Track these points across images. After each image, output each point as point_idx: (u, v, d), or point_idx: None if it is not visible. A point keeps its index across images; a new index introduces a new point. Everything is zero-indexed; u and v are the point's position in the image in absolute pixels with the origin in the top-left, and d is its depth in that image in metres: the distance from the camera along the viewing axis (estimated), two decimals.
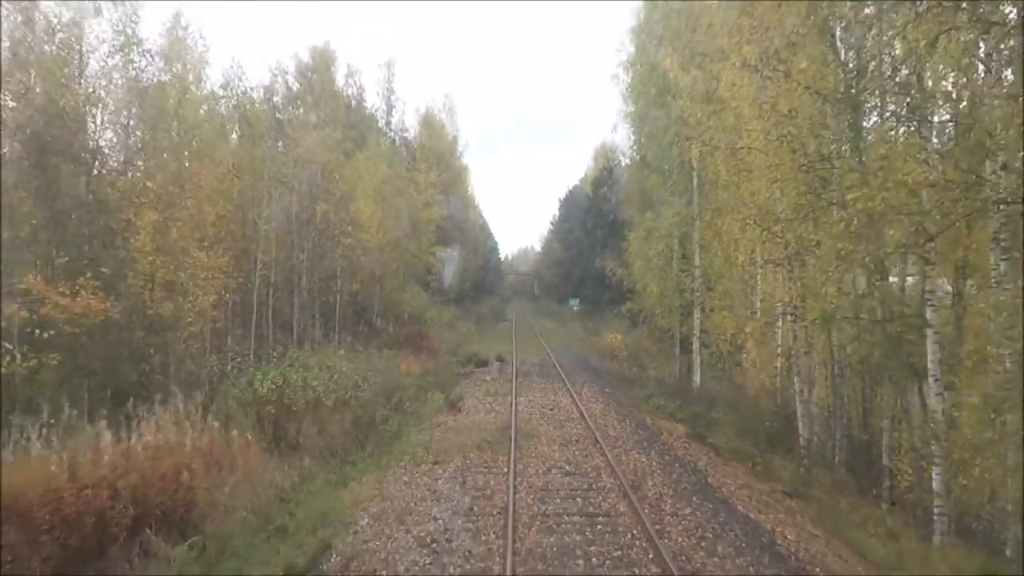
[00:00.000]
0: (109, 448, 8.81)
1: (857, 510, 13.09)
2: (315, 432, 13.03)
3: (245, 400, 13.27)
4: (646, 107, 24.80)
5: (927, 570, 9.84)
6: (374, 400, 15.93)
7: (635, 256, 29.01)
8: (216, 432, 10.70)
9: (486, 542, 8.56)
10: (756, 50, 12.46)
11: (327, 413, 13.79)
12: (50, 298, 10.97)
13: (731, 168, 16.06)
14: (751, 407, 20.92)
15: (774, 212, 14.23)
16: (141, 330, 14.49)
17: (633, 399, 22.35)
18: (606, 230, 48.08)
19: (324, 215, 24.74)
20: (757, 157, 14.38)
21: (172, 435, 9.88)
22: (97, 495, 8.31)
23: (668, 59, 19.02)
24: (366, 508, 9.78)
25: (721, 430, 18.52)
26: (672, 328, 28.91)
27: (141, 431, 9.65)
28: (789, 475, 15.19)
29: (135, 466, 8.89)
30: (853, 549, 10.39)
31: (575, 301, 58.41)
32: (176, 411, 10.74)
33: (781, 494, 13.37)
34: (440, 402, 18.42)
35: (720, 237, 17.73)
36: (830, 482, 15.54)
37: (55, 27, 15.30)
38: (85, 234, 13.19)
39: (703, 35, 16.44)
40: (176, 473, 9.24)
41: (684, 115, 18.04)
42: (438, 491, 10.68)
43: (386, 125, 58.44)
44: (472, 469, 11.98)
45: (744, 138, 14.84)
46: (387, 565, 7.80)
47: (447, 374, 24.41)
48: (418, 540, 8.56)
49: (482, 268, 74.27)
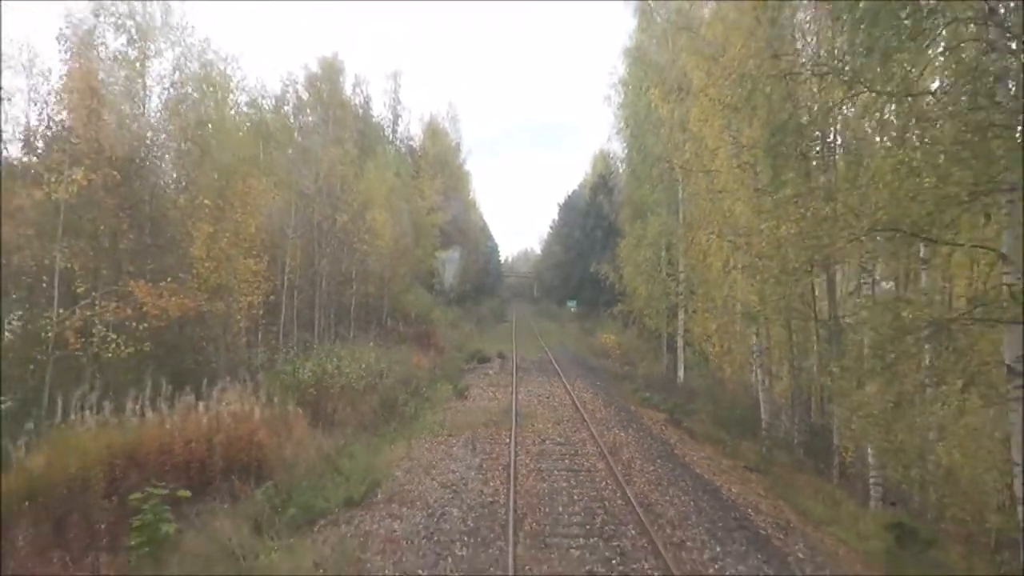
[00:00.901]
0: (203, 414, 11.41)
1: (810, 484, 15.57)
2: (349, 411, 15.63)
3: (288, 384, 15.84)
4: (636, 127, 27.38)
5: (857, 525, 12.29)
6: (395, 386, 18.53)
7: (626, 261, 31.53)
8: (275, 407, 13.29)
9: (493, 486, 11.18)
10: (721, 92, 15.03)
11: (358, 396, 16.41)
12: (149, 299, 13.56)
13: (703, 187, 18.66)
14: (728, 399, 23.42)
15: (737, 226, 16.82)
16: (197, 325, 17.08)
17: (621, 391, 24.93)
18: (603, 235, 50.47)
19: (343, 225, 27.34)
20: (723, 179, 16.99)
21: (243, 407, 12.46)
22: (198, 448, 10.91)
23: (652, 90, 21.64)
24: (399, 465, 12.40)
25: (698, 418, 21.01)
26: (659, 328, 31.48)
27: (220, 403, 12.24)
28: (754, 455, 17.68)
29: (222, 428, 11.49)
30: (794, 508, 12.82)
31: (572, 303, 60.83)
32: (239, 390, 13.32)
33: (742, 468, 15.86)
34: (449, 391, 21.03)
35: (692, 247, 20.30)
36: (789, 461, 18.04)
37: (122, 63, 17.92)
38: (155, 244, 15.79)
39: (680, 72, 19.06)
40: (250, 435, 11.83)
41: (665, 140, 20.64)
42: (454, 454, 13.30)
43: (392, 134, 60.90)
44: (480, 440, 14.59)
45: (713, 163, 17.45)
46: (420, 498, 10.43)
47: (453, 368, 27.00)
48: (441, 484, 11.18)
49: (483, 270, 76.66)
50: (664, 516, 9.99)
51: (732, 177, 15.81)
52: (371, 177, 35.91)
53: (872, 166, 9.47)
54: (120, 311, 13.32)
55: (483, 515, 9.79)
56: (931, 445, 11.94)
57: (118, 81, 17.59)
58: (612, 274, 33.93)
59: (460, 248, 59.75)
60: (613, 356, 35.61)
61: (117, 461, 10.42)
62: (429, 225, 49.79)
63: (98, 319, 13.10)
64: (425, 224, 48.71)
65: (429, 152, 60.96)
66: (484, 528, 9.23)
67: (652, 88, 21.63)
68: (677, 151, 19.78)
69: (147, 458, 10.61)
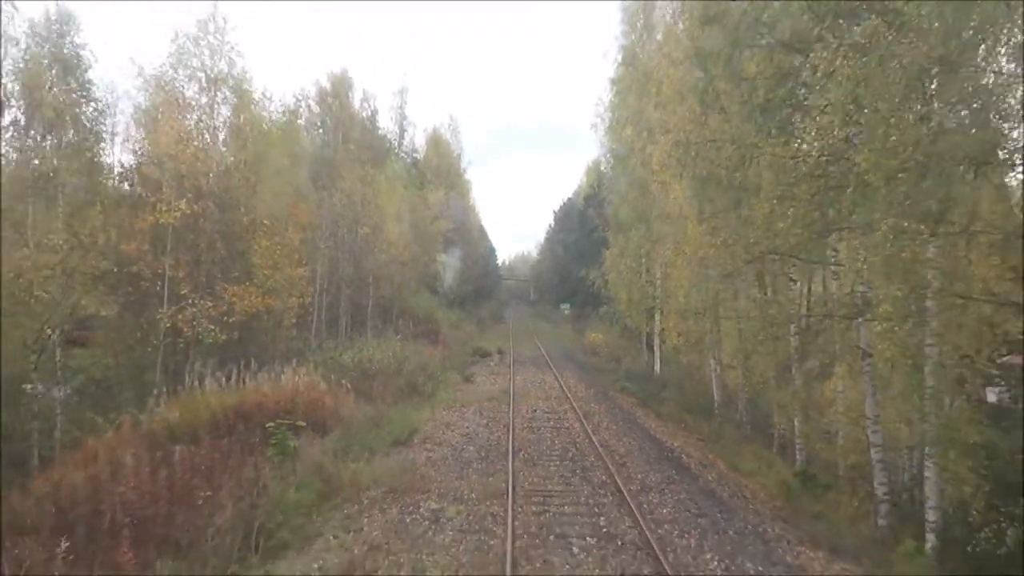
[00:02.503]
0: (288, 382, 15.72)
1: (751, 452, 19.72)
2: (382, 388, 19.90)
3: (335, 366, 20.13)
4: (619, 151, 31.69)
5: (777, 475, 16.44)
6: (415, 372, 22.83)
7: (611, 269, 35.80)
8: (331, 382, 17.59)
9: (497, 435, 15.49)
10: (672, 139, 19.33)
11: (388, 377, 20.70)
12: (236, 298, 17.86)
13: (666, 211, 23.02)
14: (694, 388, 27.69)
15: (687, 244, 21.14)
16: (259, 320, 21.37)
17: (603, 381, 29.24)
18: (593, 244, 54.79)
19: (364, 236, 31.66)
20: (679, 206, 21.31)
21: (312, 380, 16.77)
22: (285, 405, 15.17)
23: (627, 128, 25.93)
24: (426, 423, 16.72)
25: (666, 403, 25.27)
26: (640, 328, 35.79)
27: (294, 376, 16.54)
28: (708, 430, 21.94)
29: (300, 393, 15.78)
30: (726, 463, 16.98)
31: (566, 306, 65.06)
32: (306, 369, 17.62)
33: (696, 440, 20.11)
34: (458, 377, 25.39)
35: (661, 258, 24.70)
36: (738, 436, 22.31)
37: (193, 106, 22.21)
38: (230, 256, 20.10)
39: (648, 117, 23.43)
40: (320, 399, 16.12)
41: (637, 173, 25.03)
42: (466, 417, 17.63)
43: (398, 147, 65.10)
44: (486, 409, 18.91)
45: (670, 194, 21.80)
46: (446, 441, 14.76)
47: (459, 360, 31.33)
48: (459, 434, 15.52)
49: (482, 274, 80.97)
50: (616, 452, 14.32)
51: (685, 205, 20.11)
52: (383, 189, 40.18)
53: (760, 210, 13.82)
54: (216, 308, 17.61)
55: (491, 450, 14.12)
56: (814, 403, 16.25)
57: (193, 124, 21.90)
58: (599, 280, 38.20)
59: (461, 254, 63.88)
60: (601, 353, 39.87)
61: (229, 413, 14.72)
62: (434, 233, 54.00)
63: (201, 314, 17.39)
64: (430, 231, 52.90)
65: (432, 163, 65.10)
66: (492, 456, 13.56)
67: (628, 126, 25.94)
68: (645, 180, 24.12)
69: (249, 412, 14.89)
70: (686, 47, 16.32)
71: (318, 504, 10.35)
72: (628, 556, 8.57)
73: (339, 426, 16.09)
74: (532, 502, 10.66)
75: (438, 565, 8.05)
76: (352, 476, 11.55)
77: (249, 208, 22.08)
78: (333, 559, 8.17)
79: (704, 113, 15.53)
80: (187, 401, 15.21)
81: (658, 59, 20.64)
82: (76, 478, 9.47)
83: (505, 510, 10.01)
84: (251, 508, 9.15)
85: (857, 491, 16.70)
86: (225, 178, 19.84)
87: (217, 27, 22.09)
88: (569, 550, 8.71)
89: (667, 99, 19.01)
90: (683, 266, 23.59)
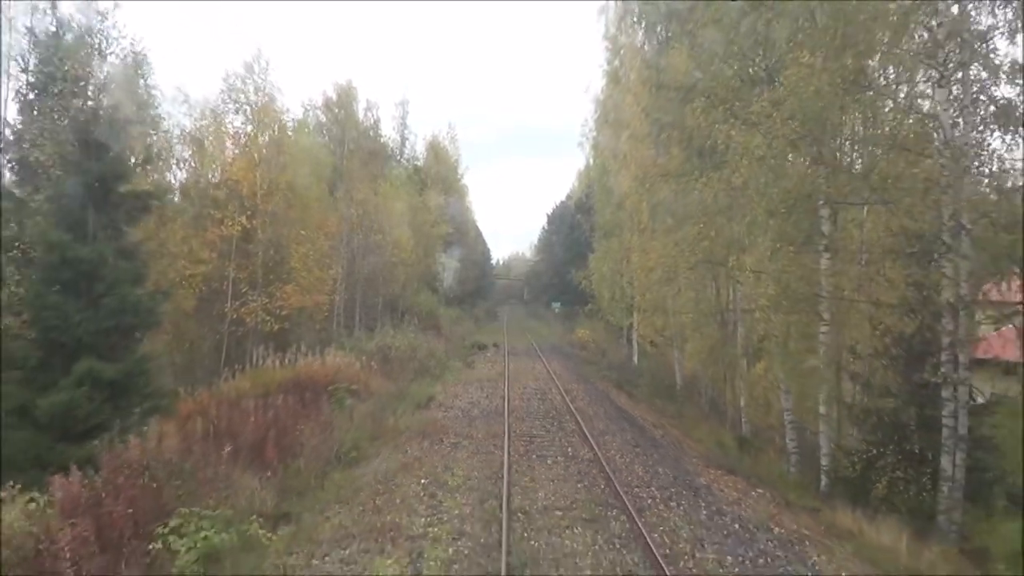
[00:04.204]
0: (332, 360, 20.09)
1: (706, 426, 24.19)
2: (400, 369, 24.29)
3: (359, 352, 24.47)
4: (600, 169, 36.19)
5: (719, 440, 20.84)
6: (425, 358, 27.23)
7: (595, 271, 40.28)
8: (362, 363, 21.96)
9: (495, 403, 19.92)
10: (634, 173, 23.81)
11: (405, 361, 25.10)
12: (287, 296, 22.24)
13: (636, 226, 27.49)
14: (666, 376, 32.17)
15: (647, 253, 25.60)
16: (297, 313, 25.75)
17: (586, 369, 33.68)
18: (582, 248, 59.21)
19: (377, 241, 36.02)
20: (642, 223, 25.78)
21: (348, 360, 21.14)
22: (331, 378, 19.54)
23: (605, 152, 30.39)
24: (438, 394, 21.13)
25: (639, 387, 29.71)
26: (620, 324, 40.24)
27: (335, 357, 20.90)
28: (672, 410, 26.35)
29: (340, 370, 20.15)
30: (680, 429, 21.41)
31: (557, 304, 69.49)
32: (344, 352, 22.00)
33: (657, 413, 24.53)
34: (460, 364, 29.79)
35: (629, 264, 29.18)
36: (698, 414, 26.75)
37: (240, 136, 26.55)
38: (275, 260, 24.46)
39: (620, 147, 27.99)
40: (356, 374, 20.50)
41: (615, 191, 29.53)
42: (470, 391, 22.06)
43: (400, 155, 69.26)
44: (485, 386, 23.32)
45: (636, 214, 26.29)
46: (456, 406, 19.21)
47: (460, 351, 35.76)
48: (466, 402, 19.98)
49: (479, 276, 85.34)
50: (587, 414, 18.76)
51: (648, 224, 24.60)
52: (389, 195, 44.40)
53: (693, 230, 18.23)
54: (272, 303, 21.99)
55: (491, 412, 18.54)
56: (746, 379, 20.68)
57: (241, 150, 26.25)
58: (584, 281, 42.64)
59: (459, 255, 68.15)
60: (587, 347, 44.33)
61: (288, 383, 19.08)
62: (435, 236, 58.28)
63: (259, 308, 21.77)
64: (431, 235, 57.18)
65: (432, 169, 69.25)
66: (492, 415, 17.99)
67: (604, 150, 30.37)
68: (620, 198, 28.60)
69: (304, 382, 19.25)
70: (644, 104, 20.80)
71: (370, 440, 14.74)
72: (583, 465, 12.99)
73: (370, 396, 20.49)
74: (521, 440, 15.08)
75: (460, 467, 12.47)
76: (392, 424, 15.96)
77: (288, 221, 26.46)
78: (391, 464, 12.57)
79: (657, 154, 19.99)
80: (253, 375, 19.57)
81: (629, 101, 25.09)
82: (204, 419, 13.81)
83: (502, 443, 14.42)
84: (329, 437, 13.53)
85: (781, 449, 21.17)
86: (270, 197, 24.18)
87: (261, 68, 26.53)
88: (545, 462, 13.14)
89: (633, 136, 23.50)
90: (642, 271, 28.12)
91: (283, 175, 26.31)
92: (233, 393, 18.33)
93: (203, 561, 7.94)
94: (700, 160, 17.77)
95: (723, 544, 9.06)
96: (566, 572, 8.03)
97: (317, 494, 11.01)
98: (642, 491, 11.40)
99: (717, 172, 16.82)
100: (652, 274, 25.60)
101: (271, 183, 25.15)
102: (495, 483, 11.52)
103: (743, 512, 10.64)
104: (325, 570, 7.84)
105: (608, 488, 11.42)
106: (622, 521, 9.72)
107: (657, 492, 11.42)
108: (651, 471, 12.90)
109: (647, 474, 12.65)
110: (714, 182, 16.00)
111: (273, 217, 23.69)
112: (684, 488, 11.79)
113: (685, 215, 17.95)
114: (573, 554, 8.54)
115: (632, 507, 10.12)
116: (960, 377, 12.14)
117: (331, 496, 10.85)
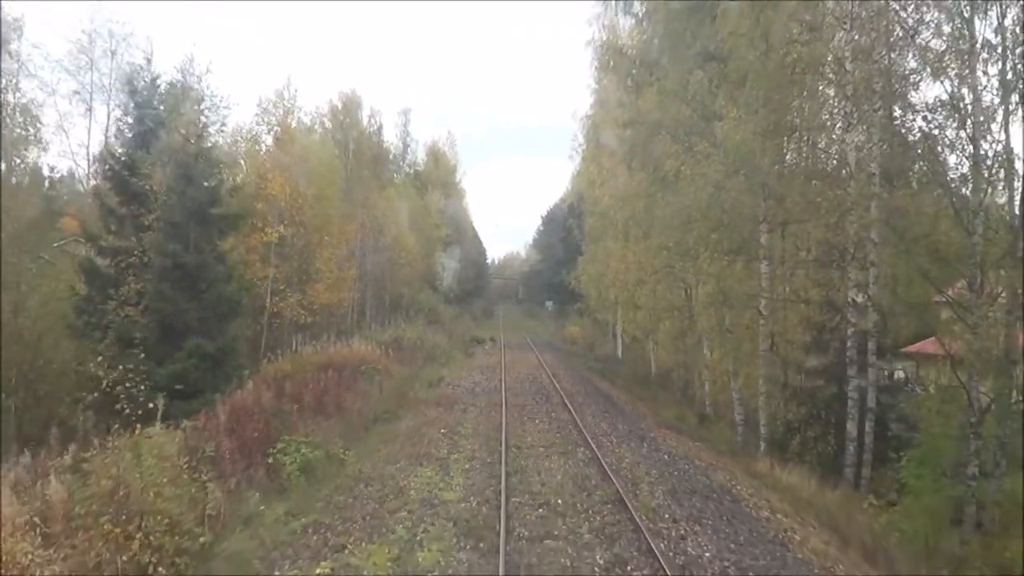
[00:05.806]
0: (358, 348, 24.11)
1: (678, 409, 28.32)
2: (412, 356, 28.30)
3: (376, 341, 28.48)
4: (586, 183, 40.25)
5: (685, 418, 24.95)
6: (432, 347, 31.26)
7: (584, 272, 44.33)
8: (379, 348, 25.97)
9: (494, 383, 23.97)
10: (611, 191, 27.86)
11: (415, 350, 29.13)
12: (318, 294, 26.22)
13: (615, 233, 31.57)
14: (644, 367, 36.25)
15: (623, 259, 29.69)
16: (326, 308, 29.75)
17: (575, 361, 37.77)
18: (573, 250, 63.17)
19: (386, 244, 40.02)
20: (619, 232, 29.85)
21: (369, 347, 25.16)
22: (358, 361, 23.52)
23: (591, 166, 34.44)
24: (447, 376, 25.16)
25: (621, 376, 33.77)
26: (607, 321, 44.32)
27: (359, 344, 24.93)
28: (646, 394, 30.42)
29: (365, 355, 24.16)
30: (650, 409, 25.50)
31: (550, 303, 73.52)
32: (365, 341, 26.01)
33: (636, 399, 28.60)
34: (461, 354, 33.86)
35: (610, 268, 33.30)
36: (670, 399, 30.83)
37: (272, 153, 30.50)
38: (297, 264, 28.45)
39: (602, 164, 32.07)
40: (377, 359, 24.50)
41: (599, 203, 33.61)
42: (472, 375, 26.12)
43: (402, 161, 73.01)
44: (485, 371, 27.38)
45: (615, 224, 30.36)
46: (461, 385, 23.26)
47: (461, 344, 39.79)
48: (470, 382, 24.04)
49: (476, 275, 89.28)
50: (570, 393, 22.82)
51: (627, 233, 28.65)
52: (394, 199, 48.26)
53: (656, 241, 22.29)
54: (306, 299, 25.99)
55: (491, 390, 22.58)
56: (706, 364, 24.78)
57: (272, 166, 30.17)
58: (575, 281, 46.69)
59: (458, 256, 71.99)
60: (577, 342, 48.41)
61: (322, 365, 23.09)
62: (435, 238, 62.17)
63: (296, 303, 25.77)
64: (432, 236, 61.07)
65: (432, 174, 73.07)
66: (491, 391, 22.04)
67: (591, 164, 34.43)
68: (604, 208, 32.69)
69: (337, 364, 23.22)
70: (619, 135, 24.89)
71: (397, 407, 18.78)
72: (563, 424, 17.05)
73: (390, 376, 24.51)
74: (516, 408, 19.14)
75: (469, 423, 16.52)
76: (412, 396, 20.01)
77: (315, 228, 30.45)
78: (417, 421, 16.63)
79: (630, 176, 24.05)
80: (291, 358, 23.55)
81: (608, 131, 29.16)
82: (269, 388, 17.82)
83: (501, 409, 18.47)
84: (367, 403, 17.56)
85: (732, 423, 25.12)
86: (301, 210, 28.15)
87: (290, 94, 30.54)
88: (533, 421, 17.22)
89: (612, 157, 27.60)
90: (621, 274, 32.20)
91: (309, 189, 30.26)
92: (281, 373, 22.39)
93: (302, 470, 11.96)
94: (662, 184, 21.84)
95: (653, 465, 13.13)
96: (545, 478, 12.06)
97: (366, 440, 15.05)
98: (604, 438, 15.46)
99: (674, 196, 20.93)
100: (629, 276, 29.68)
101: (301, 196, 29.08)
102: (496, 432, 15.58)
103: (675, 450, 14.73)
104: (388, 472, 11.88)
105: (579, 436, 15.48)
106: (585, 451, 13.80)
107: (615, 439, 15.50)
108: (613, 427, 16.98)
109: (610, 428, 16.73)
110: (671, 203, 20.06)
111: (304, 226, 27.63)
112: (636, 438, 15.86)
113: (651, 228, 22.01)
114: (550, 470, 12.59)
115: (594, 445, 14.19)
116: (869, 361, 16.02)
117: (377, 440, 14.90)
